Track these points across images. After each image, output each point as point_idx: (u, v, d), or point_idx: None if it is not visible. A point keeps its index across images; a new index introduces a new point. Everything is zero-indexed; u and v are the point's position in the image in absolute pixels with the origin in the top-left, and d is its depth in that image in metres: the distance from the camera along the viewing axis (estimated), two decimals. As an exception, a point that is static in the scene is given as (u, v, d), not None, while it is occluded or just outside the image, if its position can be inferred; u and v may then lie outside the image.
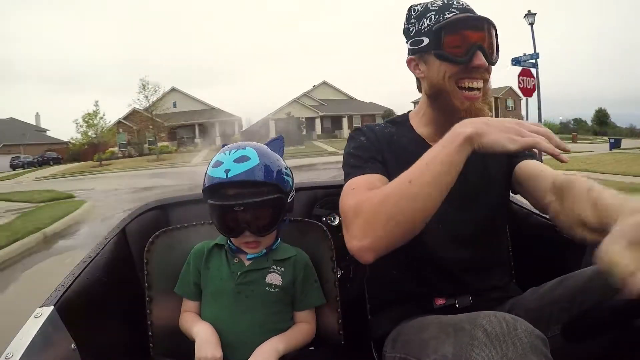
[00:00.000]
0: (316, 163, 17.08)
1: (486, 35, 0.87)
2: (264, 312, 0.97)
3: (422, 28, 0.91)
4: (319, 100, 42.11)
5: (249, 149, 0.95)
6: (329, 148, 27.36)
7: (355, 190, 0.84)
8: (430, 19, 0.90)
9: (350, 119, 40.69)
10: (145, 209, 1.31)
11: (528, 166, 0.94)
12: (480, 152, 0.71)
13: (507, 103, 51.22)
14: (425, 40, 0.90)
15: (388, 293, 1.00)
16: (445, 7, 0.89)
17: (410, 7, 0.97)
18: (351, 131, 1.04)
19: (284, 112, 37.75)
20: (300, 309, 1.03)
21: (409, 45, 0.96)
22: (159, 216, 1.31)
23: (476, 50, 0.85)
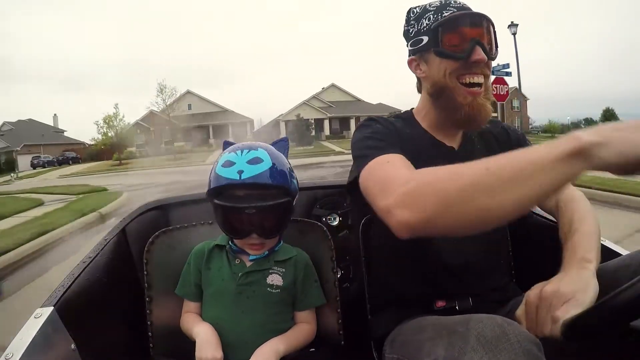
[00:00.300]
0: (323, 162, 17.91)
1: (484, 31, 0.88)
2: (265, 313, 0.97)
3: (421, 28, 0.93)
4: (328, 102, 43.54)
5: (261, 151, 0.94)
6: (336, 148, 28.36)
7: (391, 163, 0.77)
8: (429, 19, 0.91)
9: (358, 120, 41.60)
10: (145, 209, 1.31)
11: None
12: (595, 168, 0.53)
13: (512, 104, 51.82)
14: (425, 39, 0.91)
15: (388, 293, 1.00)
16: (442, 6, 0.91)
17: (409, 9, 0.99)
18: (362, 121, 1.01)
19: (293, 114, 39.09)
20: (301, 309, 1.03)
21: (409, 46, 0.98)
22: (159, 216, 1.31)
23: (475, 45, 0.86)
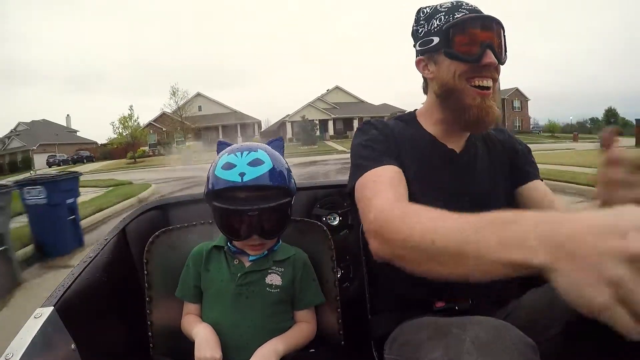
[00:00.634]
0: (326, 159, 19.92)
1: (495, 35, 0.87)
2: (265, 313, 0.97)
3: (431, 28, 0.92)
4: (332, 103, 45.94)
5: (260, 152, 0.94)
6: (339, 147, 30.24)
7: (377, 183, 0.81)
8: (440, 20, 0.90)
9: (361, 120, 43.06)
10: (145, 209, 1.31)
11: (533, 193, 0.98)
12: None
13: (513, 104, 52.74)
14: (435, 40, 0.90)
15: (388, 293, 1.00)
16: (454, 8, 0.90)
17: (419, 9, 0.98)
18: (360, 124, 1.02)
19: (299, 115, 41.28)
20: (300, 308, 1.03)
21: (417, 46, 0.97)
22: (159, 216, 1.31)
23: (486, 48, 0.85)
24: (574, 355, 0.72)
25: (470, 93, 0.88)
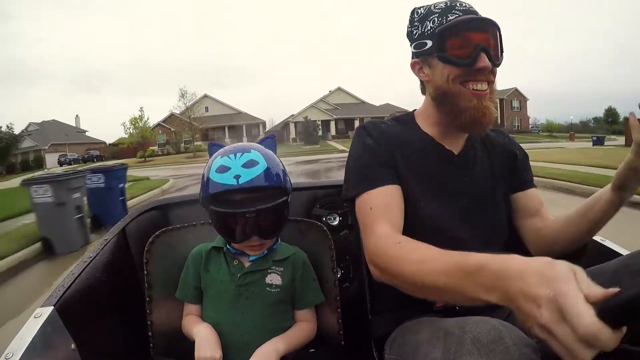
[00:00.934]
0: (327, 157, 22.23)
1: (490, 37, 0.86)
2: (265, 313, 0.97)
3: (425, 31, 0.90)
4: (334, 104, 47.66)
5: (254, 152, 0.93)
6: (340, 147, 32.03)
7: (373, 210, 0.84)
8: (434, 22, 0.89)
9: (362, 121, 44.11)
10: (145, 209, 1.30)
11: (528, 202, 1.00)
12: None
13: (512, 104, 53.60)
14: (429, 43, 0.89)
15: (388, 294, 0.98)
16: (448, 9, 0.88)
17: (413, 9, 0.96)
18: (356, 129, 1.02)
19: (302, 116, 43.00)
20: (300, 307, 1.03)
21: (412, 48, 0.95)
22: (159, 216, 1.31)
23: (480, 51, 0.84)
24: None
25: (466, 95, 0.87)
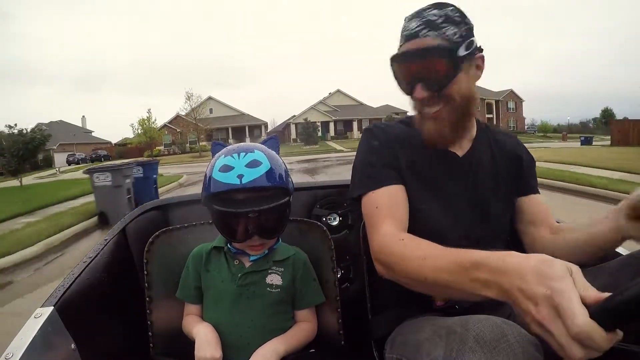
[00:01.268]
0: (324, 157, 24.51)
1: (427, 65, 0.84)
2: (266, 313, 0.97)
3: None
4: (333, 106, 49.77)
5: (257, 152, 0.93)
6: (338, 147, 34.21)
7: (378, 210, 0.86)
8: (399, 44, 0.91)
9: (360, 122, 47.58)
10: (145, 209, 1.30)
11: (532, 207, 1.00)
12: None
13: (508, 105, 54.92)
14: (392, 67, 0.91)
15: (388, 293, 1.00)
16: (401, 33, 0.89)
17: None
18: (363, 131, 1.03)
19: (302, 117, 45.06)
20: (300, 307, 1.03)
21: None
22: (159, 216, 1.31)
23: (415, 83, 0.85)
24: None
25: (421, 117, 0.91)
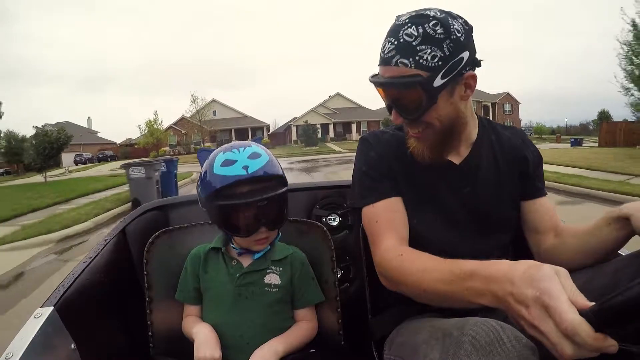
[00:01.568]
0: (324, 157, 25.70)
1: (401, 97, 0.84)
2: (265, 313, 0.97)
3: None
4: (332, 109, 50.74)
5: (254, 146, 0.95)
6: (337, 148, 35.28)
7: (379, 224, 0.89)
8: None
9: (359, 124, 48.96)
10: (145, 209, 1.30)
11: (539, 211, 0.98)
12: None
13: (504, 107, 56.00)
14: None
15: (388, 294, 0.97)
16: (380, 49, 0.85)
17: None
18: (359, 140, 1.04)
19: (302, 119, 46.35)
20: (300, 306, 1.03)
21: None
22: (159, 216, 1.31)
23: (392, 108, 0.86)
24: None
25: (409, 136, 0.91)
